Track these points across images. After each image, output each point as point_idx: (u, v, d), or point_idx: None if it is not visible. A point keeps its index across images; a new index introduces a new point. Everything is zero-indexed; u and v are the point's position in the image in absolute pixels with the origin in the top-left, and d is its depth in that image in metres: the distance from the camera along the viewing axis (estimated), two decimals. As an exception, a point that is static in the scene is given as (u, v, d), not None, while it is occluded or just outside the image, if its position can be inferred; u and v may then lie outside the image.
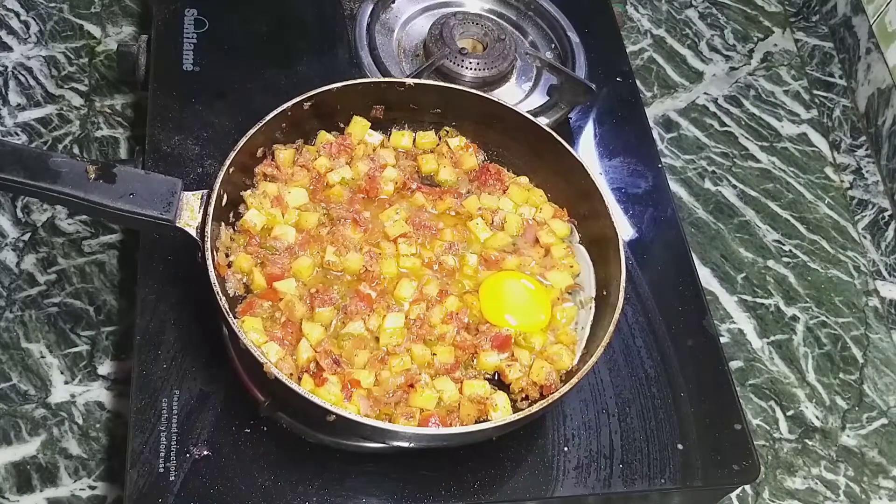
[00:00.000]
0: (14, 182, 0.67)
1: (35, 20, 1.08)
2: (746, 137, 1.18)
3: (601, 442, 0.80)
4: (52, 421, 0.82)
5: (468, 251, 0.82)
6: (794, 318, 1.03)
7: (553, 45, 1.08)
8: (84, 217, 0.94)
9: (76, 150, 0.99)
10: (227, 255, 0.76)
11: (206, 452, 0.73)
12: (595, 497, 0.79)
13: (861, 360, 1.01)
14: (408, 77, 0.90)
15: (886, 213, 1.14)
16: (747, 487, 0.90)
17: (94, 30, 1.10)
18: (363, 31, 1.02)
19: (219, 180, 0.73)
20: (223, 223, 0.76)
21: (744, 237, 1.09)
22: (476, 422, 0.72)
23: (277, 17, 1.04)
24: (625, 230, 0.96)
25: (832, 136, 1.21)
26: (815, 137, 1.20)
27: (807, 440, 0.95)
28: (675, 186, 1.11)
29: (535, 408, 0.68)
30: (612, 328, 0.72)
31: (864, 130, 1.22)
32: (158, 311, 0.80)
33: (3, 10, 1.08)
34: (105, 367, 0.85)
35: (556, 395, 0.70)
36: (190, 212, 0.72)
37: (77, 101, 1.03)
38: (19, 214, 0.93)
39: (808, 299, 1.05)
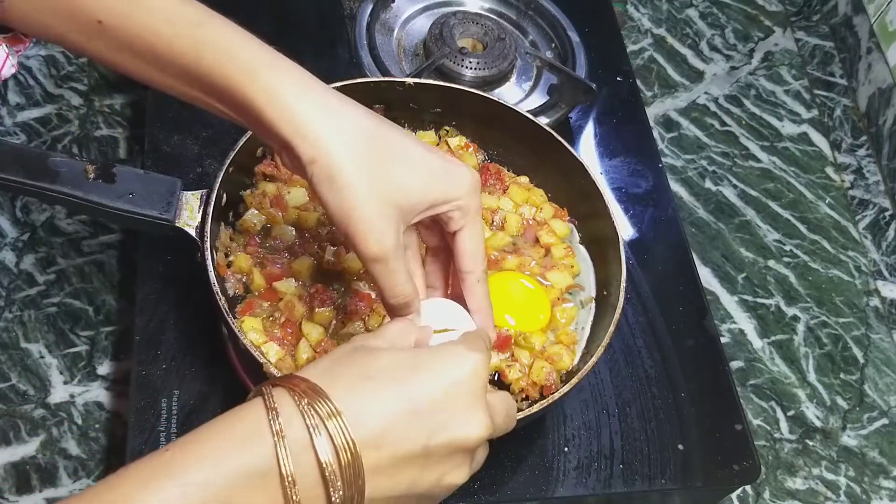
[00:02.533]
0: (13, 182, 0.67)
1: (35, 20, 1.08)
2: (747, 137, 1.18)
3: (601, 442, 0.80)
4: (52, 421, 0.82)
5: (468, 251, 0.82)
6: (795, 318, 1.03)
7: (553, 45, 1.08)
8: (83, 217, 0.93)
9: (75, 150, 0.98)
10: (226, 255, 0.76)
11: (205, 453, 0.73)
12: (595, 497, 0.79)
13: (862, 361, 1.01)
14: (408, 76, 0.90)
15: (887, 213, 1.13)
16: (748, 488, 0.90)
17: (94, 29, 1.09)
18: (363, 31, 1.02)
19: (219, 180, 0.73)
20: (223, 223, 0.76)
21: (744, 237, 1.08)
22: (476, 422, 0.72)
23: (277, 17, 1.04)
24: (625, 230, 0.95)
25: (833, 135, 1.21)
26: (816, 137, 1.20)
27: (807, 440, 0.95)
28: (675, 186, 1.10)
29: (535, 408, 0.68)
30: (612, 328, 0.72)
31: (864, 130, 1.22)
32: (158, 311, 0.80)
33: (2, 9, 1.08)
34: (104, 368, 0.85)
35: (556, 395, 0.69)
36: (190, 212, 0.71)
37: (76, 100, 1.03)
38: (18, 214, 0.93)
39: (808, 299, 1.04)
